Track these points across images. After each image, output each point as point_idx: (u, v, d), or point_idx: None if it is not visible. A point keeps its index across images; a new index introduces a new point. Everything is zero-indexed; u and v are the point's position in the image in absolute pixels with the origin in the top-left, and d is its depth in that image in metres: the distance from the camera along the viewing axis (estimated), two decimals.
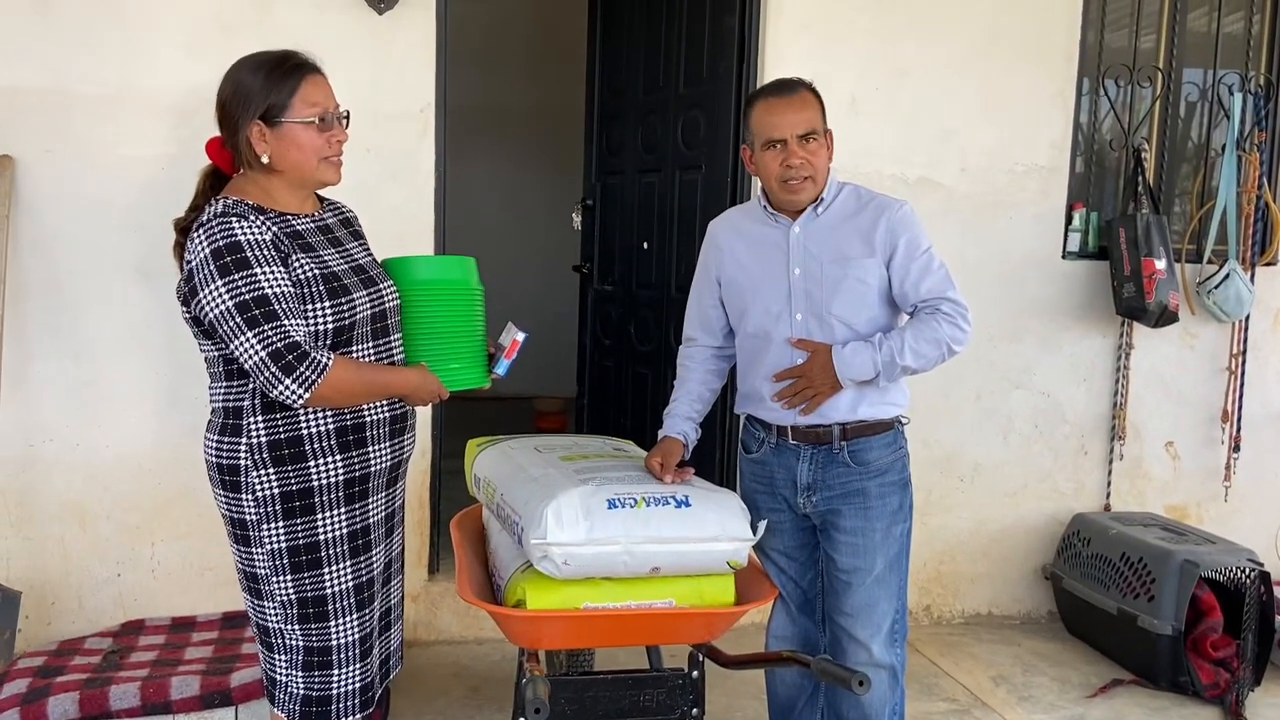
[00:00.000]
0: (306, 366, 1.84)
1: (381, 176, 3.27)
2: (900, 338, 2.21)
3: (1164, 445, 4.03)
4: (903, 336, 2.21)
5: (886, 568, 2.30)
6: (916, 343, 2.20)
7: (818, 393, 2.23)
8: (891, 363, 2.20)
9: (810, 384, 2.23)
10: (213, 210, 1.90)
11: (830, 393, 2.23)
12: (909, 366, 2.21)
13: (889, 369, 2.21)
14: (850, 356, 2.20)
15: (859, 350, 2.20)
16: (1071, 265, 3.88)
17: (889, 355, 2.20)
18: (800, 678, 2.50)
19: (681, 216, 3.98)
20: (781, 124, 2.22)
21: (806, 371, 2.23)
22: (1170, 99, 3.98)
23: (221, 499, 1.99)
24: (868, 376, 2.21)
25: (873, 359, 2.20)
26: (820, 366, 2.22)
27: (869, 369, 2.20)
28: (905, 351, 2.20)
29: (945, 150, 3.72)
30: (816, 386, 2.22)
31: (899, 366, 2.21)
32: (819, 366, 2.22)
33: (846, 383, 2.21)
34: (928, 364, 2.23)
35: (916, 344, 2.20)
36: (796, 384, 2.25)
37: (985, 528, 3.93)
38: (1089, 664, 3.59)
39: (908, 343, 2.20)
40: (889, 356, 2.20)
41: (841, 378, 2.20)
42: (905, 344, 2.20)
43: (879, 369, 2.20)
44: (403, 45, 3.28)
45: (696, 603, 2.10)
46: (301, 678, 2.01)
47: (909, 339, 2.21)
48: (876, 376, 2.21)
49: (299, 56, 1.97)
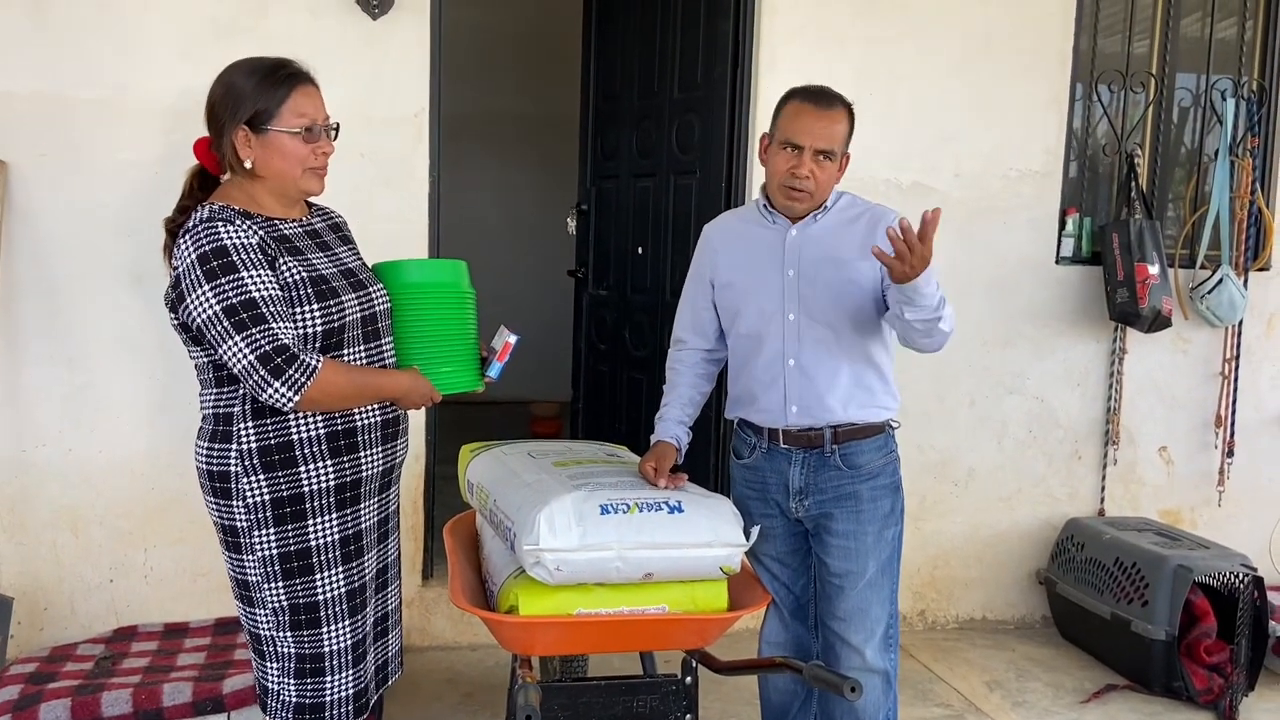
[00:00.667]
0: (295, 369, 1.84)
1: (375, 182, 3.27)
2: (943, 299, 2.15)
3: (1158, 450, 4.04)
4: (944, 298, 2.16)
5: (879, 572, 2.30)
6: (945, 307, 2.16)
7: (915, 265, 2.03)
8: (942, 301, 2.14)
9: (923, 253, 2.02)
10: (199, 215, 1.90)
11: (914, 274, 2.04)
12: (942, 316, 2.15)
13: (941, 303, 2.14)
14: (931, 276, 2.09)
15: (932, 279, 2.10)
16: (1065, 270, 3.89)
17: (942, 294, 2.14)
18: (793, 683, 2.50)
19: (676, 221, 3.98)
20: (804, 132, 2.22)
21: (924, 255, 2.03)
22: (1163, 104, 3.99)
23: (212, 506, 1.99)
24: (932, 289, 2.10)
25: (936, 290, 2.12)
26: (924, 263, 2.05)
27: (936, 291, 2.11)
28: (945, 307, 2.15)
29: (939, 155, 3.73)
30: (918, 259, 2.02)
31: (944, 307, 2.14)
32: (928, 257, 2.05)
33: (923, 280, 2.06)
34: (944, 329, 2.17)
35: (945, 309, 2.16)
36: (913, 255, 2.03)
37: (979, 532, 3.93)
38: (1083, 669, 3.59)
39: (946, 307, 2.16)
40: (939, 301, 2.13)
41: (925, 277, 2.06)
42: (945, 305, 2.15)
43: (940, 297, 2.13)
44: (397, 50, 3.28)
45: (689, 608, 2.10)
46: (294, 685, 2.00)
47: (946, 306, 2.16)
48: (938, 304, 2.12)
49: (293, 66, 1.97)
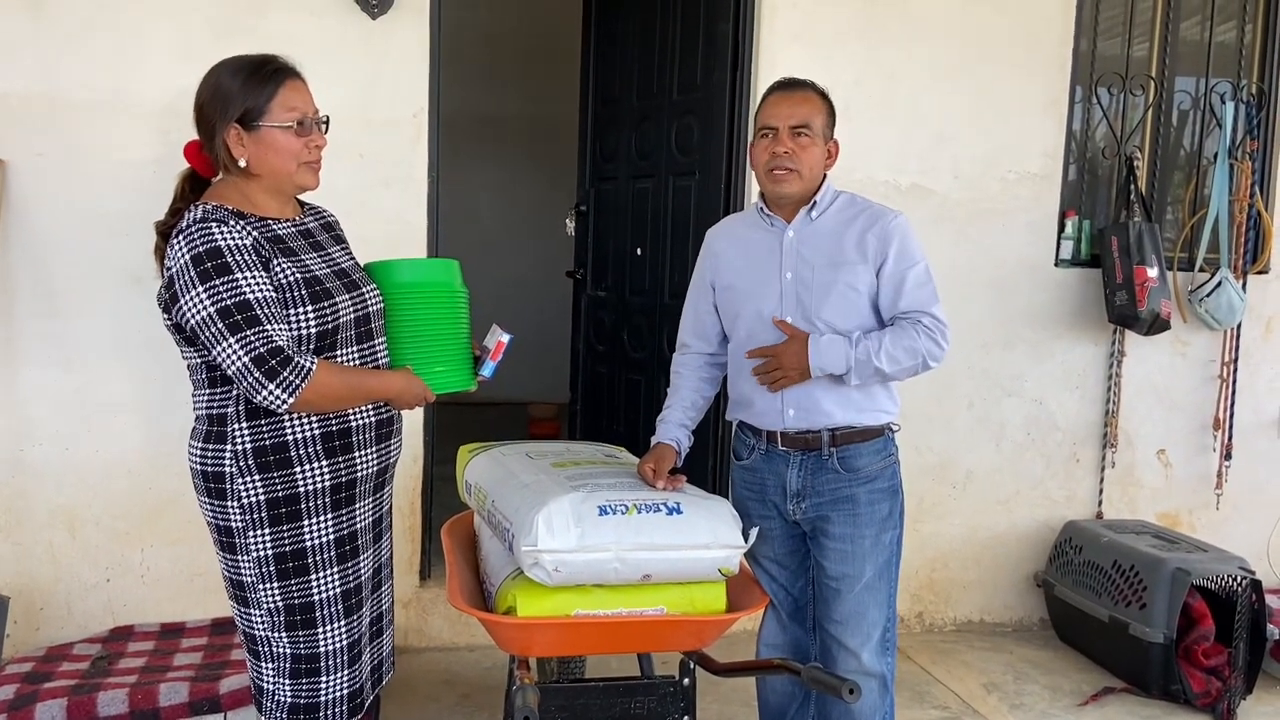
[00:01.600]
0: (290, 371, 1.83)
1: (374, 182, 3.27)
2: (878, 340, 2.21)
3: (1156, 453, 4.04)
4: (881, 340, 2.21)
5: (876, 575, 2.30)
6: (894, 348, 2.20)
7: (786, 375, 2.23)
8: (866, 362, 2.20)
9: (780, 364, 2.23)
10: (192, 216, 1.89)
11: (798, 379, 2.23)
12: (882, 369, 2.21)
13: (861, 368, 2.20)
14: (825, 347, 2.20)
15: (835, 343, 2.20)
16: (1064, 273, 3.89)
17: (864, 355, 2.20)
18: (791, 685, 2.49)
19: (675, 223, 3.98)
20: (775, 114, 2.28)
21: (780, 352, 2.23)
22: (1163, 107, 3.99)
23: (206, 506, 1.98)
24: (839, 370, 2.21)
25: (846, 355, 2.20)
26: (795, 351, 2.22)
27: (841, 363, 2.20)
28: (881, 354, 2.20)
29: (938, 157, 3.73)
30: (786, 369, 2.22)
31: (872, 368, 2.20)
32: (793, 351, 2.22)
33: (816, 371, 2.20)
34: (901, 372, 2.23)
35: (894, 349, 2.20)
36: (769, 363, 2.25)
37: (977, 535, 3.93)
38: (1080, 672, 3.59)
39: (885, 346, 2.20)
40: (864, 356, 2.20)
41: (813, 366, 2.20)
42: (882, 347, 2.20)
43: (851, 365, 2.20)
44: (396, 50, 3.28)
45: (688, 610, 2.09)
46: (289, 685, 1.99)
47: (886, 343, 2.21)
48: (848, 373, 2.21)
49: (278, 61, 1.96)
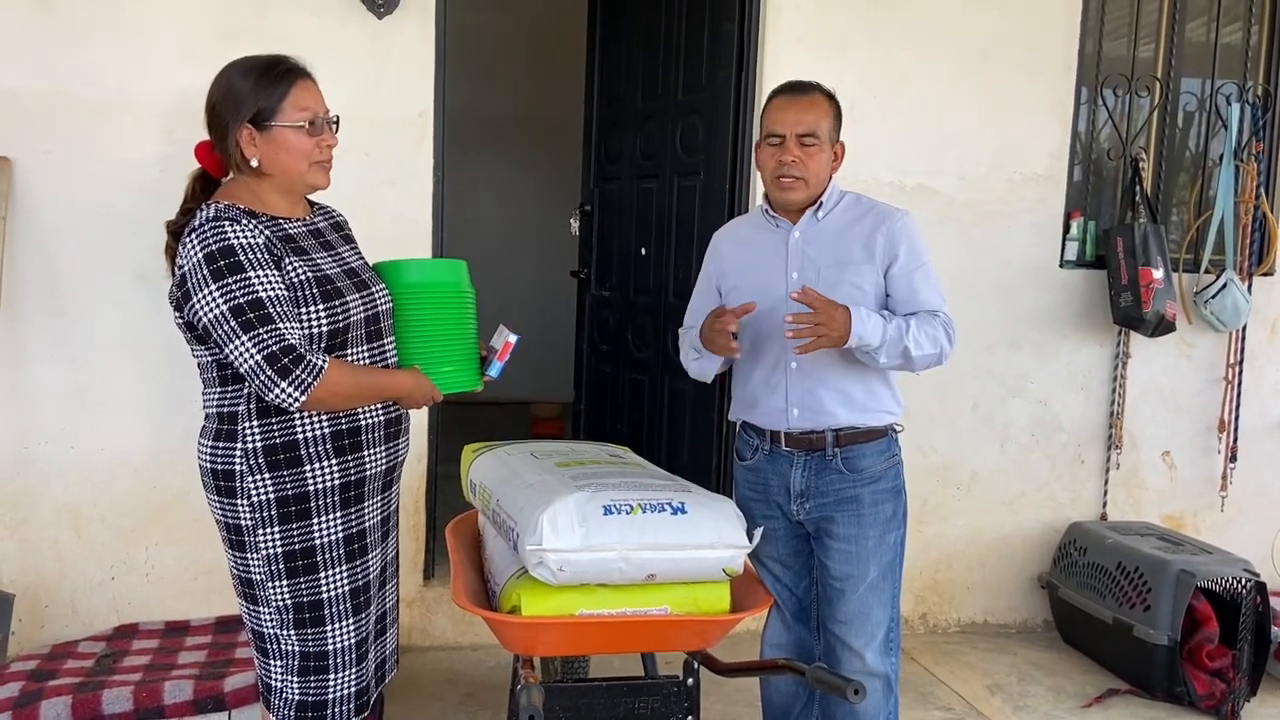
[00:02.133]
0: (302, 369, 1.84)
1: (379, 181, 3.27)
2: (907, 322, 2.20)
3: (1161, 455, 4.03)
4: (909, 322, 2.21)
5: (880, 575, 2.30)
6: (919, 333, 2.20)
7: (826, 334, 2.12)
8: (897, 340, 2.18)
9: (825, 323, 2.12)
10: (205, 214, 1.89)
11: (835, 342, 2.14)
12: (908, 351, 2.19)
13: (892, 345, 2.18)
14: (865, 317, 2.16)
15: (872, 316, 2.17)
16: (1069, 274, 3.89)
17: (896, 332, 2.18)
18: (795, 685, 2.49)
19: (679, 223, 3.98)
20: (783, 121, 2.26)
21: (827, 309, 2.13)
22: (1168, 109, 3.99)
23: (216, 504, 1.98)
24: (874, 343, 2.16)
25: (883, 329, 2.17)
26: (840, 315, 2.14)
27: (877, 336, 2.16)
28: (909, 335, 2.19)
29: (943, 158, 3.72)
30: (828, 329, 2.12)
31: (901, 347, 2.18)
32: (839, 313, 2.13)
33: (854, 340, 2.14)
34: (922, 359, 2.21)
35: (919, 334, 2.20)
36: (813, 315, 2.13)
37: (982, 536, 3.92)
38: (1085, 673, 3.58)
39: (913, 329, 2.20)
40: (896, 334, 2.18)
41: (854, 333, 2.13)
42: (910, 330, 2.19)
43: (885, 340, 2.17)
44: (401, 50, 3.28)
45: (692, 610, 2.09)
46: (297, 683, 2.00)
47: (914, 327, 2.20)
48: (880, 348, 2.17)
49: (289, 61, 1.97)
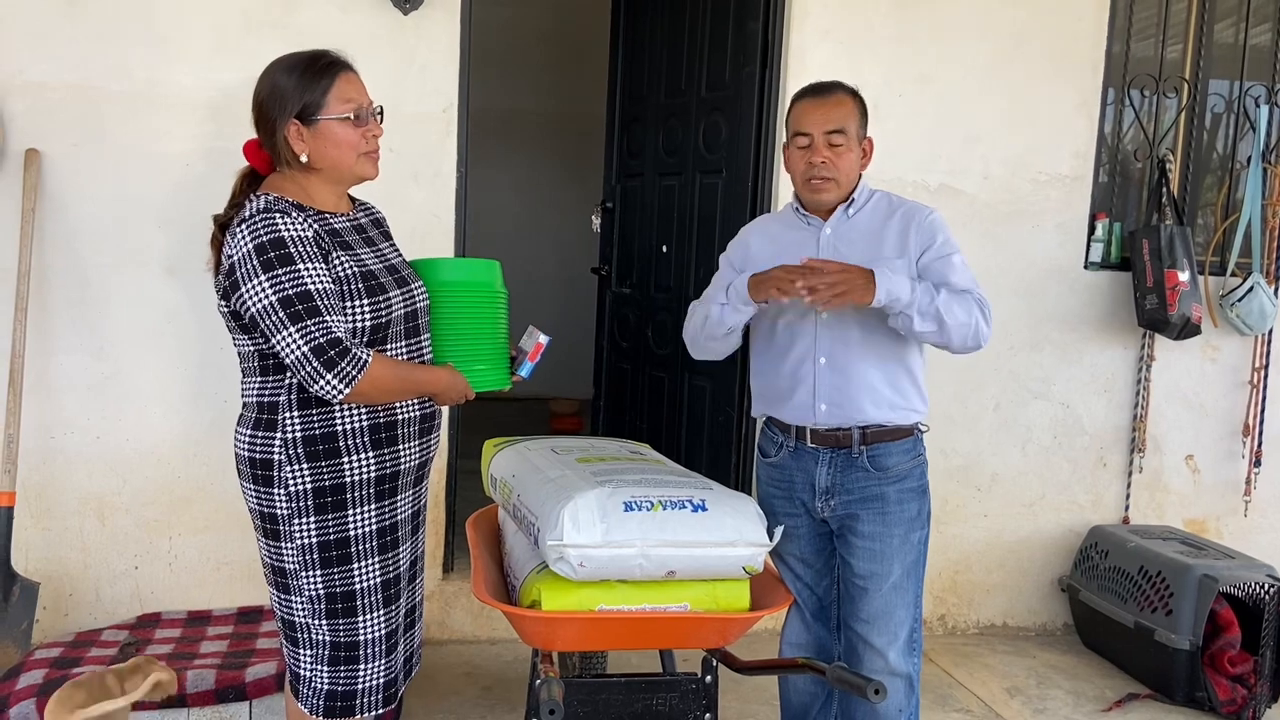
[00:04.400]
0: (348, 362, 1.86)
1: (403, 177, 3.29)
2: (938, 289, 2.17)
3: (1184, 458, 4.00)
4: (940, 290, 2.17)
5: (904, 574, 2.29)
6: (951, 302, 2.16)
7: (849, 289, 2.09)
8: (929, 303, 2.13)
9: (845, 278, 2.09)
10: (255, 206, 1.91)
11: (859, 299, 2.10)
12: (940, 314, 2.14)
13: (923, 305, 2.13)
14: (892, 274, 2.12)
15: (900, 271, 2.14)
16: (1093, 276, 3.86)
17: (927, 295, 2.15)
18: (814, 685, 2.49)
19: (701, 220, 3.98)
20: (810, 121, 2.26)
21: (847, 266, 2.12)
22: (1196, 110, 3.95)
23: (252, 493, 2.00)
24: (904, 297, 2.12)
25: (912, 284, 2.14)
26: (858, 271, 2.11)
27: (906, 291, 2.12)
28: (941, 301, 2.15)
29: (968, 158, 3.71)
30: (849, 282, 2.09)
31: (934, 309, 2.14)
32: (856, 271, 2.11)
33: (882, 295, 2.10)
34: (955, 329, 2.16)
35: (951, 303, 2.16)
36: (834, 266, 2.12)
37: (1002, 538, 3.91)
38: (1105, 677, 3.56)
39: (944, 295, 2.16)
40: (927, 297, 2.15)
41: (880, 288, 2.10)
42: (941, 295, 2.16)
43: (915, 297, 2.13)
44: (426, 46, 3.30)
45: (711, 607, 2.09)
46: (327, 672, 2.02)
47: (944, 294, 2.17)
48: (910, 304, 2.12)
49: (331, 55, 1.99)
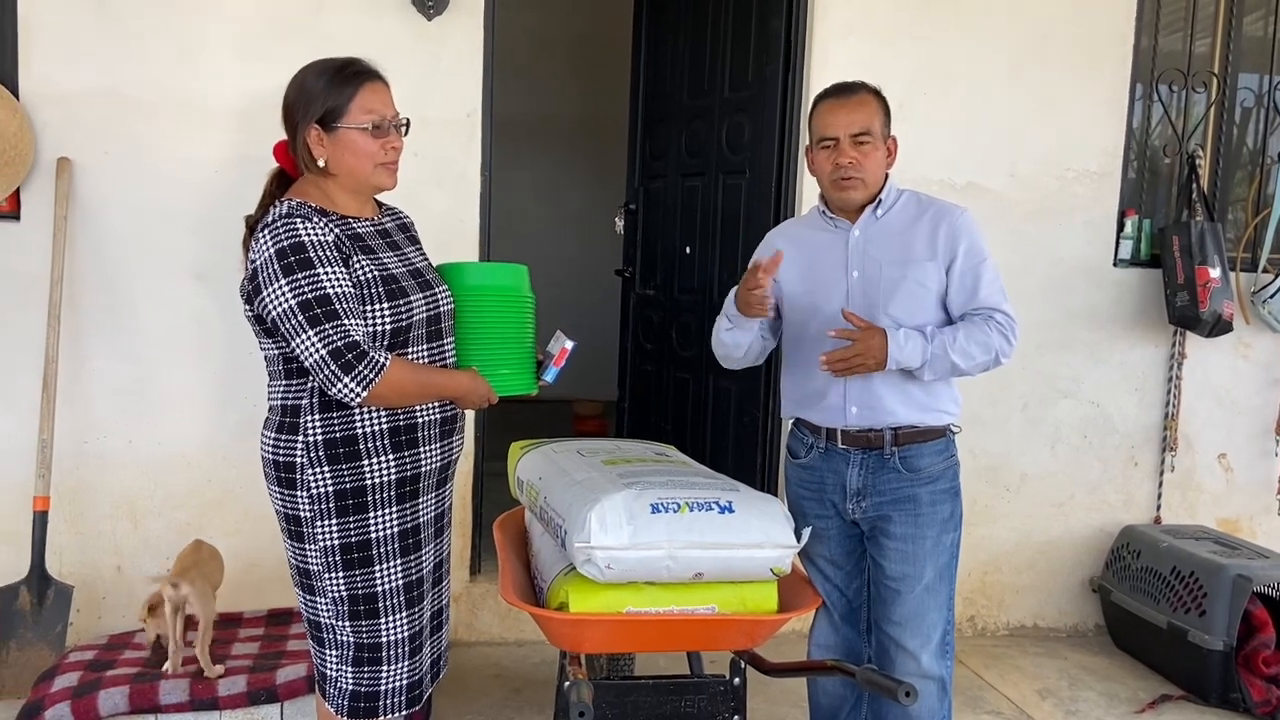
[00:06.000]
0: (365, 365, 1.88)
1: (427, 181, 3.30)
2: (953, 334, 2.21)
3: (1217, 457, 3.95)
4: (955, 334, 2.21)
5: (936, 576, 2.28)
6: (968, 343, 2.20)
7: (864, 363, 2.18)
8: (942, 357, 2.19)
9: (861, 353, 2.17)
10: (277, 211, 1.94)
11: (874, 368, 2.19)
12: (956, 365, 2.21)
13: (936, 362, 2.20)
14: (903, 341, 2.18)
15: (912, 337, 2.19)
16: (1123, 273, 3.82)
17: (940, 349, 2.19)
18: (843, 687, 2.48)
19: (725, 221, 3.97)
20: (835, 123, 2.26)
21: (862, 338, 2.18)
22: (1225, 104, 3.91)
23: (276, 495, 2.02)
24: (915, 364, 2.20)
25: (924, 349, 2.19)
26: (876, 341, 2.18)
27: (917, 357, 2.19)
28: (955, 349, 2.19)
29: (994, 155, 3.68)
30: (865, 356, 2.18)
31: (949, 362, 2.20)
32: (875, 340, 2.18)
33: (892, 364, 2.18)
34: (973, 368, 2.23)
35: (968, 344, 2.20)
36: (850, 348, 2.19)
37: (1031, 539, 3.87)
38: (1137, 679, 3.53)
39: (959, 341, 2.20)
40: (940, 350, 2.19)
41: (890, 358, 2.17)
42: (957, 341, 2.20)
43: (927, 360, 2.19)
44: (451, 51, 3.31)
45: (739, 609, 2.08)
46: (351, 673, 2.04)
47: (961, 337, 2.20)
48: (923, 367, 2.20)
49: (361, 64, 2.01)
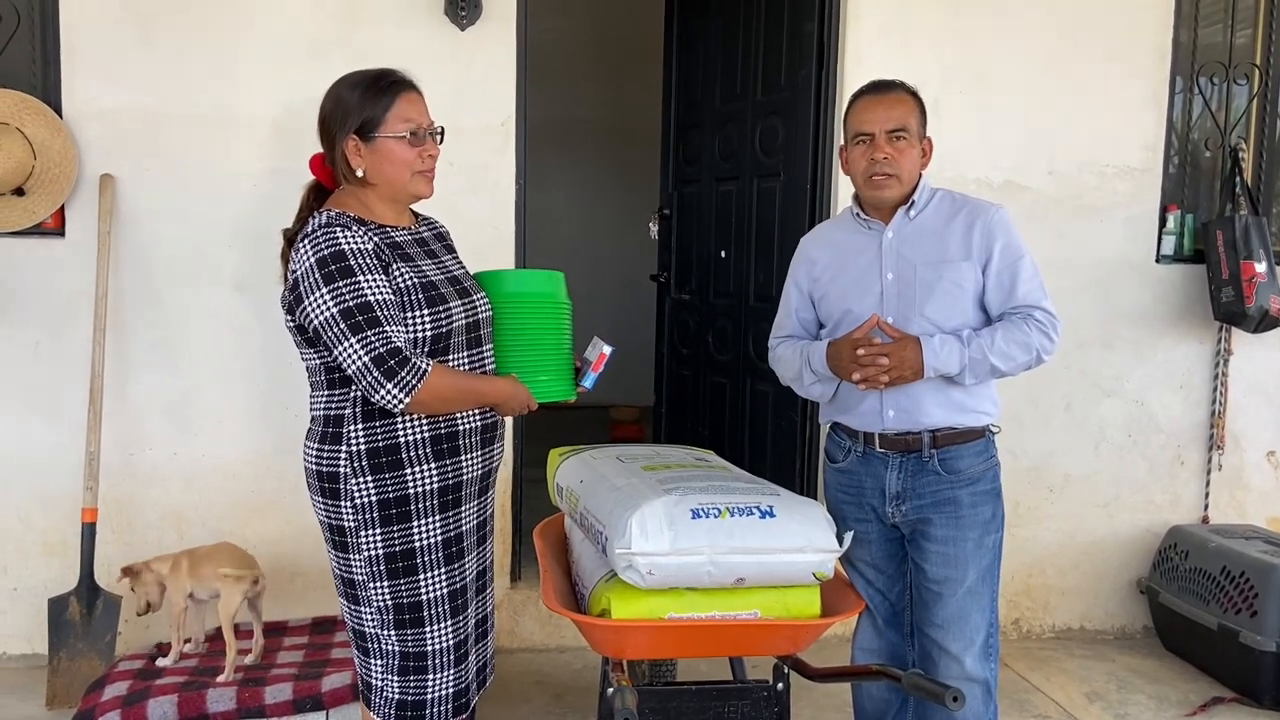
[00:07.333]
0: (407, 372, 1.89)
1: (463, 190, 3.32)
2: (990, 336, 2.18)
3: (1265, 455, 3.88)
4: (993, 335, 2.18)
5: (979, 579, 2.25)
6: (1007, 344, 2.18)
7: (900, 374, 2.16)
8: (981, 360, 2.17)
9: (897, 365, 2.16)
10: (317, 221, 1.96)
11: (912, 378, 2.17)
12: (996, 367, 2.18)
13: (976, 366, 2.18)
14: (939, 347, 2.17)
15: (948, 343, 2.17)
16: (1166, 269, 3.77)
17: (979, 353, 2.17)
18: (888, 692, 2.46)
19: (759, 225, 3.96)
20: (870, 119, 2.25)
21: (894, 350, 2.16)
22: (1268, 96, 3.84)
23: (320, 506, 2.04)
24: (953, 371, 2.17)
25: (961, 354, 2.17)
26: (910, 351, 2.16)
27: (955, 363, 2.17)
28: (994, 351, 2.17)
29: (1032, 153, 3.64)
30: (900, 367, 2.16)
31: (988, 365, 2.18)
32: (909, 351, 2.16)
33: (930, 372, 2.16)
34: (1014, 368, 2.20)
35: (1007, 345, 2.18)
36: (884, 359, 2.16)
37: (1076, 540, 3.82)
38: (1187, 681, 3.47)
39: (997, 343, 2.17)
40: (979, 354, 2.17)
41: (927, 366, 2.16)
42: (995, 343, 2.17)
43: (965, 364, 2.17)
44: (484, 60, 3.34)
45: (782, 614, 2.07)
46: (397, 682, 2.04)
47: (999, 339, 2.18)
48: (962, 372, 2.18)
49: (395, 74, 2.03)
